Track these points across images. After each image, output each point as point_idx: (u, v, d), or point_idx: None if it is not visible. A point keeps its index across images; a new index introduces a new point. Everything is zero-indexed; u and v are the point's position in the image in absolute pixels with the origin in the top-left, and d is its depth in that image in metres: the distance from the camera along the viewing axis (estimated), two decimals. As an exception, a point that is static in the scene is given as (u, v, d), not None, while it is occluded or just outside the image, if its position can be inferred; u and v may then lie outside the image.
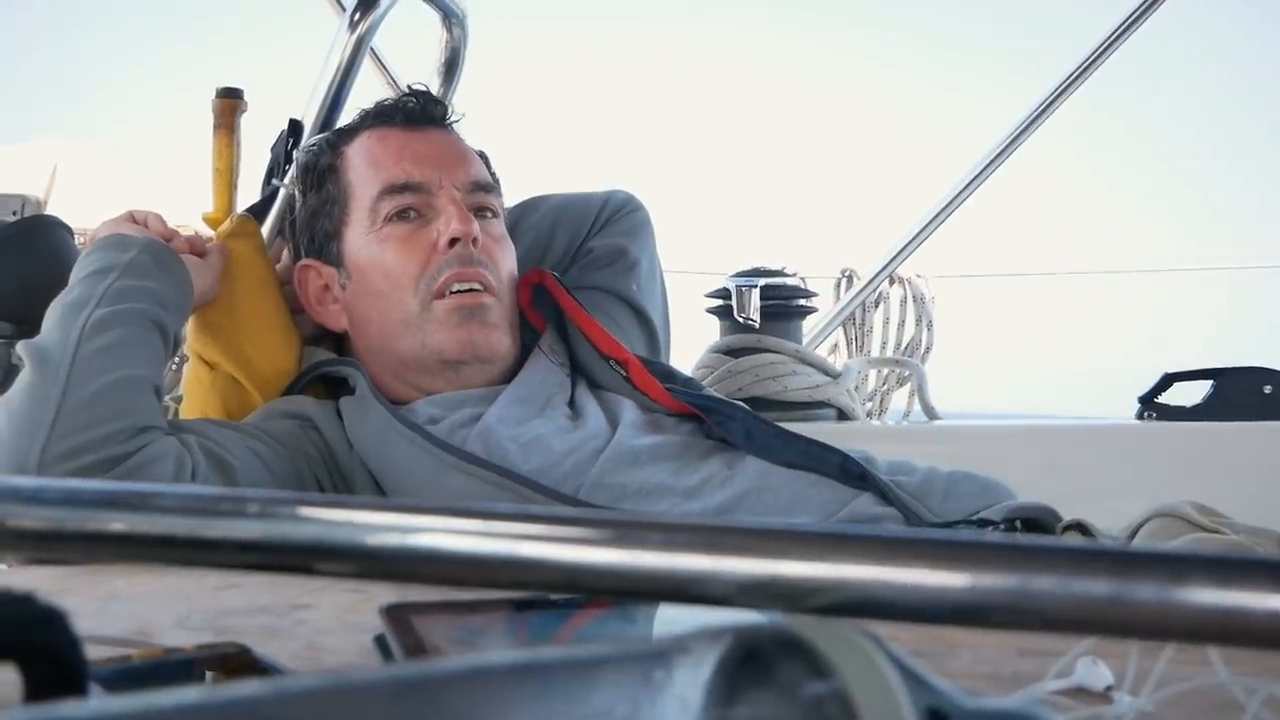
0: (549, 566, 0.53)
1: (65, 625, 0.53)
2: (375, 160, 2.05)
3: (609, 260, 2.30)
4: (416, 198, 2.01)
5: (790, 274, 3.25)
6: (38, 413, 1.62)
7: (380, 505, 0.56)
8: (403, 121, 2.10)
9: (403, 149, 2.06)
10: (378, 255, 2.01)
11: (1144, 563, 0.47)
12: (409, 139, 2.07)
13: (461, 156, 2.10)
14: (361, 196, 2.04)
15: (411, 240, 2.00)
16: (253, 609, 1.19)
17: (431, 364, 2.00)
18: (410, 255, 1.99)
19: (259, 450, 1.80)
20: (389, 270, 2.00)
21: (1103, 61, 3.41)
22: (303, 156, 2.16)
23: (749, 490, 1.81)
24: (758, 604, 0.51)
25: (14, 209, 2.56)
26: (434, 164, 2.04)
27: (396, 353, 2.02)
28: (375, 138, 2.08)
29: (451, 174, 2.04)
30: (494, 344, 2.01)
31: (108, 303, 1.74)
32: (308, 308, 2.11)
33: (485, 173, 2.12)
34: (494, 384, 2.03)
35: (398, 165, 2.03)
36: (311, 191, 2.10)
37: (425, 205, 2.01)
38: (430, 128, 2.11)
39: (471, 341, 1.98)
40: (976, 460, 2.05)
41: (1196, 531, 1.61)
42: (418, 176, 2.02)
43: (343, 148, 2.10)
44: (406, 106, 2.11)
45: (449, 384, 2.01)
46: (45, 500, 0.57)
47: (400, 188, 2.01)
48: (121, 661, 0.88)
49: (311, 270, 2.09)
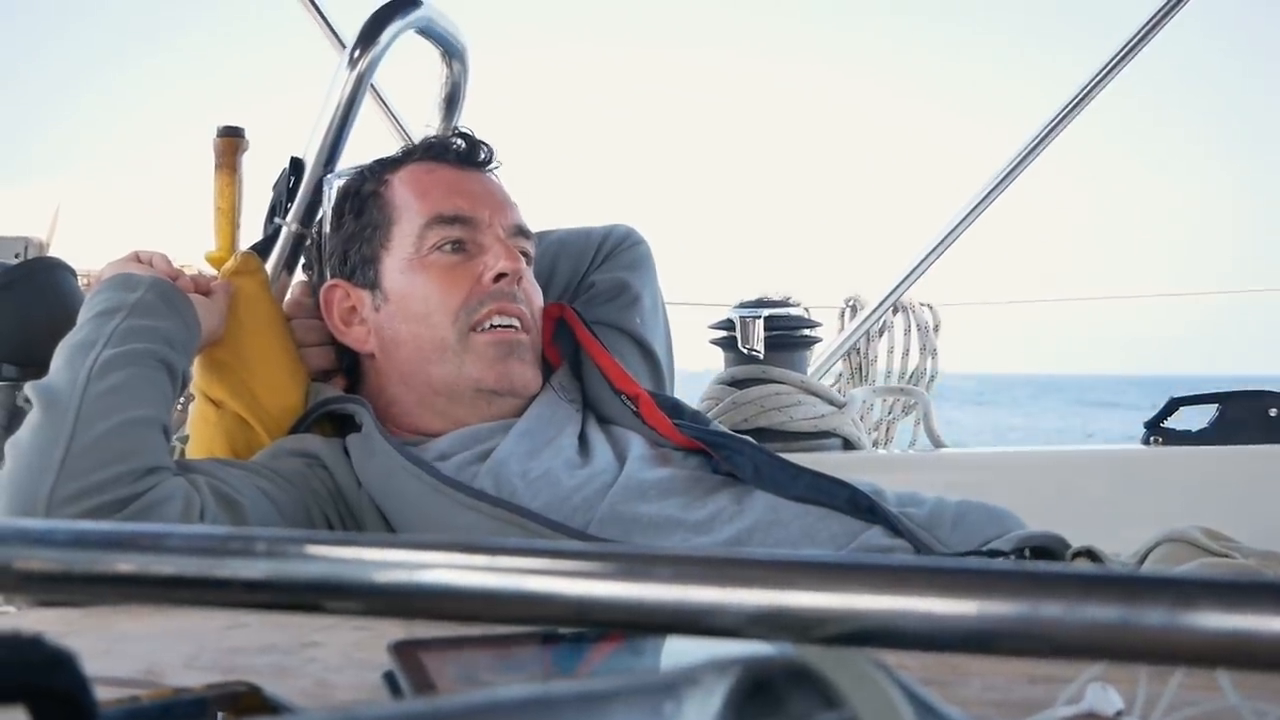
0: (558, 601, 0.53)
1: (75, 667, 0.53)
2: (425, 190, 2.07)
3: (612, 295, 2.31)
4: (465, 231, 2.03)
5: (794, 304, 3.25)
6: (46, 454, 1.62)
7: (388, 542, 0.56)
8: (454, 159, 2.13)
9: (455, 183, 2.09)
10: (420, 281, 2.03)
11: (1152, 588, 0.47)
12: (459, 176, 2.11)
13: (507, 201, 2.13)
14: (406, 224, 2.05)
15: (457, 271, 2.02)
16: (262, 648, 1.19)
17: (466, 392, 2.01)
18: (455, 285, 2.01)
19: (267, 489, 1.80)
20: (430, 297, 2.02)
21: (1104, 87, 3.42)
22: (341, 181, 2.17)
23: (759, 524, 1.81)
24: (766, 635, 0.52)
25: (17, 251, 2.57)
26: (484, 203, 2.07)
27: (428, 377, 2.03)
28: (424, 170, 2.11)
29: (499, 214, 2.07)
30: (529, 380, 2.04)
31: (115, 343, 1.74)
32: (331, 327, 2.11)
33: (525, 220, 2.14)
34: (518, 415, 2.04)
35: (448, 199, 2.05)
36: (350, 215, 2.11)
37: (472, 240, 2.03)
38: (477, 170, 2.14)
39: (509, 375, 2.01)
40: (983, 488, 2.04)
41: (1205, 556, 1.61)
42: (468, 211, 2.04)
43: (388, 176, 2.11)
44: (458, 146, 2.14)
45: (477, 414, 2.02)
46: (54, 542, 0.58)
47: (451, 219, 2.03)
48: (131, 703, 0.88)
49: (339, 290, 2.10)
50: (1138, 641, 0.47)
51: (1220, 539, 1.65)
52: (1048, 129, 3.47)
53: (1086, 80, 3.42)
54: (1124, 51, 3.38)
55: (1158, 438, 3.06)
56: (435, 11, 2.46)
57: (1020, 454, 3.56)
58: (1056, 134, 3.47)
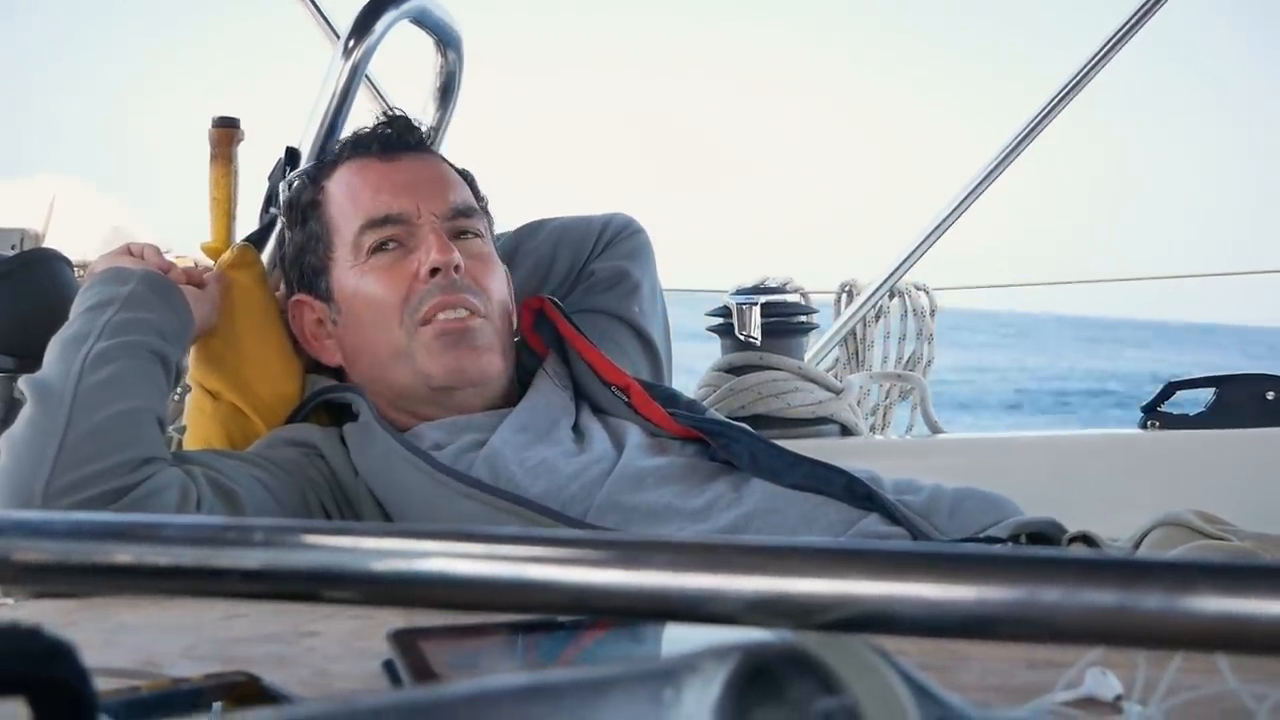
0: (556, 588, 0.53)
1: (74, 658, 0.53)
2: (354, 194, 2.04)
3: (611, 283, 2.30)
4: (397, 229, 2.00)
5: (791, 290, 3.24)
6: (41, 447, 1.62)
7: (385, 531, 0.56)
8: (379, 151, 2.08)
9: (380, 180, 2.04)
10: (363, 287, 2.00)
11: (1150, 572, 0.47)
12: (386, 169, 2.06)
13: (440, 182, 2.08)
14: (344, 231, 2.03)
15: (393, 270, 1.99)
16: (260, 637, 1.19)
17: (423, 391, 1.99)
18: (393, 285, 1.98)
19: (264, 479, 1.80)
20: (374, 301, 2.00)
21: (1100, 70, 3.41)
22: (285, 193, 2.15)
23: (756, 512, 1.80)
24: (765, 621, 0.52)
25: (13, 243, 2.57)
26: (411, 193, 2.03)
27: (389, 383, 2.01)
28: (353, 170, 2.07)
29: (430, 202, 2.02)
30: (484, 366, 2.00)
31: (108, 336, 1.74)
32: (304, 343, 2.10)
33: (467, 195, 2.10)
34: (492, 406, 2.02)
35: (376, 198, 2.02)
36: (297, 227, 2.09)
37: (406, 235, 2.00)
38: (407, 154, 2.09)
39: (460, 367, 1.97)
40: (980, 473, 2.04)
41: (1202, 540, 1.61)
42: (396, 208, 2.01)
43: (323, 182, 2.09)
44: (382, 135, 2.10)
45: (443, 410, 2.00)
46: (51, 533, 0.58)
47: (380, 221, 2.00)
48: (130, 693, 0.88)
49: (304, 305, 2.09)
50: (1136, 626, 0.47)
51: (1216, 522, 1.65)
52: (1044, 112, 3.46)
53: (1085, 60, 3.41)
54: (1123, 30, 3.37)
55: (1155, 421, 3.05)
56: (430, 1, 2.45)
57: (1017, 439, 3.56)
58: (1052, 117, 3.47)
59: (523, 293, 2.17)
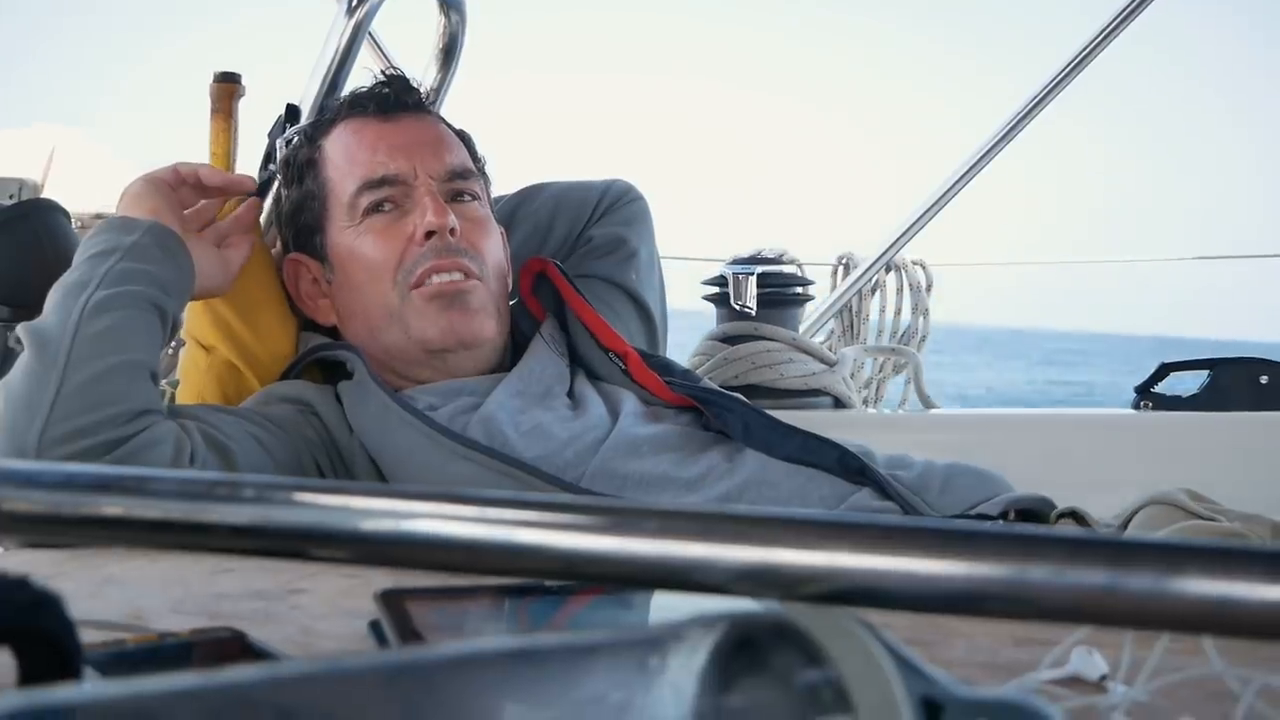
0: (545, 553, 0.53)
1: (60, 609, 0.53)
2: (351, 154, 2.04)
3: (609, 249, 2.30)
4: (393, 190, 2.00)
5: (787, 261, 3.24)
6: (37, 396, 1.61)
7: (375, 491, 0.56)
8: (376, 111, 2.07)
9: (377, 141, 2.04)
10: (358, 248, 2.00)
11: (1139, 552, 0.47)
12: (383, 130, 2.05)
13: (438, 143, 2.07)
14: (340, 192, 2.02)
15: (389, 232, 1.99)
16: (247, 594, 1.19)
17: (416, 354, 1.99)
18: (388, 246, 1.98)
19: (259, 435, 1.80)
20: (369, 262, 1.99)
21: (1104, 48, 3.40)
22: (281, 151, 2.15)
23: (749, 483, 1.80)
24: (753, 592, 0.52)
25: (11, 192, 2.56)
26: (408, 154, 2.02)
27: (382, 344, 2.01)
28: (351, 129, 2.07)
29: (427, 163, 2.02)
30: (477, 329, 1.99)
31: (108, 284, 1.73)
32: (298, 302, 2.10)
33: (464, 157, 2.10)
34: (485, 370, 2.02)
35: (373, 159, 2.01)
36: (293, 185, 2.09)
37: (402, 196, 2.00)
38: (405, 114, 2.08)
39: (453, 329, 1.97)
40: (972, 449, 2.05)
41: (1190, 519, 1.61)
42: (393, 169, 2.00)
43: (320, 141, 2.08)
44: (380, 95, 2.08)
45: (437, 373, 2.00)
46: (41, 484, 0.57)
47: (377, 183, 2.00)
48: (116, 646, 0.88)
49: (300, 264, 2.08)
50: (1123, 606, 0.47)
51: (1205, 502, 1.65)
52: (1045, 90, 3.45)
53: (1089, 39, 3.40)
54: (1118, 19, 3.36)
55: (1148, 402, 3.06)
56: (434, -41, 2.45)
57: (1009, 415, 3.56)
58: (1053, 96, 3.46)
59: (520, 257, 2.17)
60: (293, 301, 2.11)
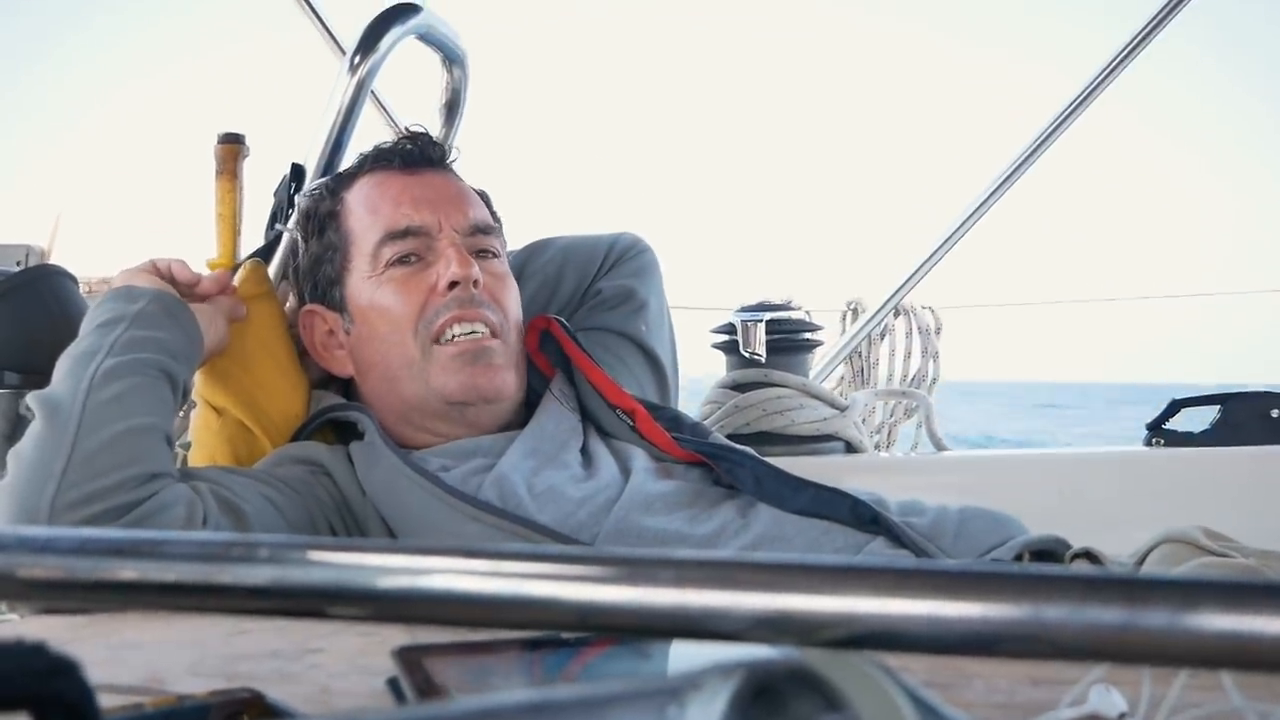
0: (561, 606, 0.53)
1: (78, 675, 0.53)
2: (375, 206, 2.05)
3: (618, 301, 2.30)
4: (417, 242, 2.01)
5: (795, 307, 3.25)
6: (48, 462, 1.62)
7: (390, 547, 0.56)
8: (401, 165, 2.09)
9: (402, 193, 2.05)
10: (379, 299, 2.01)
11: (1155, 589, 0.47)
12: (408, 183, 2.07)
13: (460, 198, 2.09)
14: (363, 243, 2.03)
15: (411, 282, 1.99)
16: (265, 654, 1.19)
17: (436, 405, 1.99)
18: (410, 297, 1.99)
19: (271, 496, 1.80)
20: (389, 313, 2.00)
21: (1105, 87, 3.42)
22: (303, 202, 2.15)
23: (763, 538, 1.80)
24: (770, 639, 0.52)
25: (18, 259, 2.57)
26: (433, 207, 2.03)
27: (401, 396, 2.01)
28: (374, 182, 2.08)
29: (451, 217, 2.03)
30: (499, 385, 2.00)
31: (117, 353, 1.74)
32: (314, 354, 2.11)
33: (485, 214, 2.11)
34: (502, 426, 2.02)
35: (397, 210, 2.03)
36: (314, 238, 2.10)
37: (425, 249, 2.01)
38: (428, 170, 2.10)
39: (475, 385, 1.97)
40: (985, 490, 2.04)
41: (1205, 556, 1.60)
42: (417, 221, 2.01)
43: (342, 193, 2.09)
44: (404, 149, 2.10)
45: (455, 426, 2.00)
46: (57, 549, 0.58)
47: (401, 233, 2.01)
48: (135, 709, 0.88)
49: (316, 316, 2.09)
50: (1141, 643, 0.47)
51: (1220, 539, 1.65)
52: (1049, 130, 3.46)
53: (1087, 82, 3.42)
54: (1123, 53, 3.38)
55: (1159, 439, 3.05)
56: (435, 18, 2.46)
57: (1022, 456, 3.56)
58: (1056, 137, 3.47)
59: (530, 311, 2.17)
60: (305, 360, 2.11)
